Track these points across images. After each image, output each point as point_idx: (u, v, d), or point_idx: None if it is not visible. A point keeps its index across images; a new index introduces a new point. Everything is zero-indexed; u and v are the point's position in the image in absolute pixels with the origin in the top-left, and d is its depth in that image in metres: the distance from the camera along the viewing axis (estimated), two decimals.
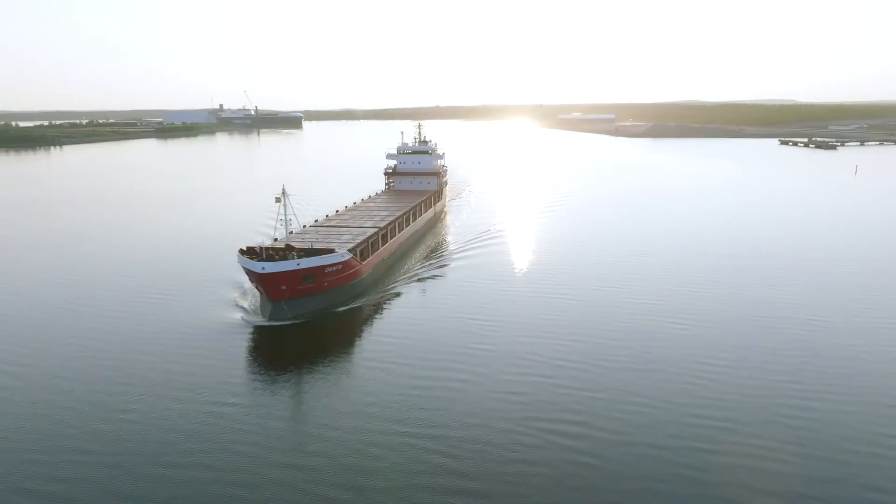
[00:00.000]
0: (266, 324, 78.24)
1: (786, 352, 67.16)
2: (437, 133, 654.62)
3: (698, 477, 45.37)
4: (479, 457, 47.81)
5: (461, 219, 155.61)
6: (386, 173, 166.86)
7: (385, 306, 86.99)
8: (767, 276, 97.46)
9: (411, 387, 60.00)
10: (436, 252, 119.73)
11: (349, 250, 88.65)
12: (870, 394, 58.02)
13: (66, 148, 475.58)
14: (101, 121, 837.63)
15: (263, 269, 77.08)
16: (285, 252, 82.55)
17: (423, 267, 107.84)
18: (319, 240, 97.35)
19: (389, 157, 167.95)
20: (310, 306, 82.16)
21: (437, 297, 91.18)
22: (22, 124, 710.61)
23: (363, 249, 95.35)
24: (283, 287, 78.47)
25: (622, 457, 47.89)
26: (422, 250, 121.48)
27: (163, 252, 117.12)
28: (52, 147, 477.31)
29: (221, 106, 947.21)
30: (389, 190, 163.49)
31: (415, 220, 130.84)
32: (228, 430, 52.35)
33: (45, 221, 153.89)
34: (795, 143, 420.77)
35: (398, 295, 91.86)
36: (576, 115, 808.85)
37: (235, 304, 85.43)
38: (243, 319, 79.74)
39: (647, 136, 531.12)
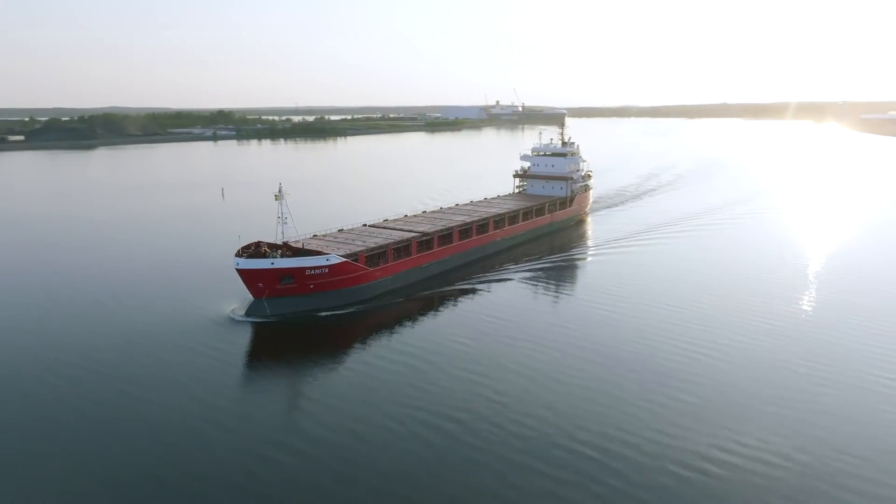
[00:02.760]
0: (243, 319, 79.69)
1: None
2: (717, 133, 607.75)
3: None
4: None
5: (603, 229, 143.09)
6: (515, 175, 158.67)
7: (387, 318, 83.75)
8: None
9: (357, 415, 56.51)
10: (518, 263, 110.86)
11: (349, 254, 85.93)
12: None
13: (349, 138, 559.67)
14: (391, 115, 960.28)
15: (238, 264, 79.03)
16: (273, 250, 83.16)
17: (482, 278, 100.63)
18: (351, 240, 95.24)
19: (523, 158, 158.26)
20: (292, 306, 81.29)
21: (461, 315, 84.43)
22: (333, 118, 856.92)
23: (377, 255, 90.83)
24: (261, 284, 79.56)
25: None
26: (502, 259, 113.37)
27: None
28: (338, 137, 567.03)
29: (498, 102, 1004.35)
30: (517, 193, 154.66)
31: (503, 227, 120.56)
32: (198, 416, 56.12)
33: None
34: None
35: (416, 308, 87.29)
36: (893, 114, 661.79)
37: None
38: (231, 313, 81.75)
39: None
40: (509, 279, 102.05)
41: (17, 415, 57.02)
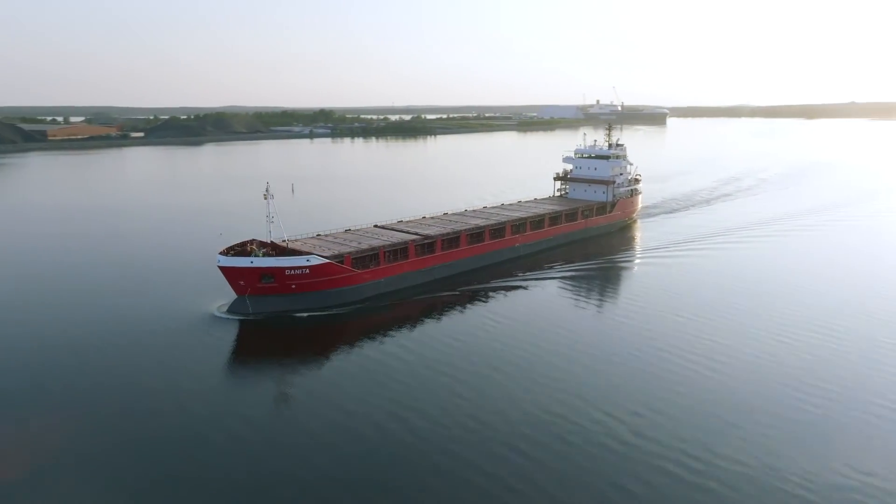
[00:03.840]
0: (225, 316, 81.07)
1: None
2: (835, 135, 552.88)
3: None
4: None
5: (650, 236, 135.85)
6: (556, 178, 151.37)
7: (374, 321, 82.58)
8: None
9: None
10: (537, 270, 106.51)
11: (334, 255, 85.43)
12: None
13: (439, 137, 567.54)
14: (486, 115, 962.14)
15: (220, 262, 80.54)
16: (261, 248, 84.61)
17: (491, 284, 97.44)
18: (348, 241, 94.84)
19: (566, 160, 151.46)
20: (274, 305, 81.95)
21: (453, 320, 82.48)
22: (429, 117, 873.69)
23: (367, 257, 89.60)
24: (242, 282, 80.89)
25: None
26: (521, 265, 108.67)
27: None
28: (428, 136, 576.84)
29: (598, 101, 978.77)
30: (557, 197, 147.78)
31: (524, 232, 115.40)
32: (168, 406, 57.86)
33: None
34: None
35: (406, 312, 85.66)
36: None
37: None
38: (216, 310, 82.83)
39: None
40: (521, 286, 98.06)
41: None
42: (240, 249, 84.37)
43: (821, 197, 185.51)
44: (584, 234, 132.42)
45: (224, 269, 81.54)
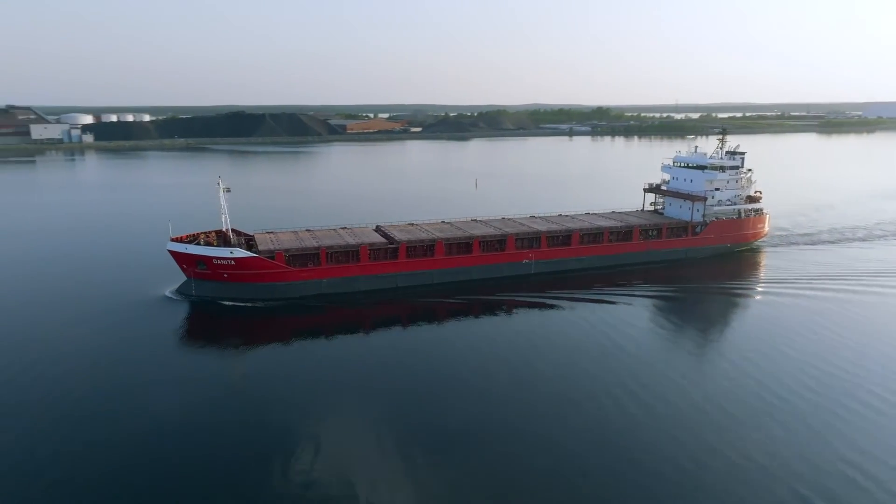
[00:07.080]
0: (172, 297, 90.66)
1: None
2: None
3: None
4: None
5: (755, 270, 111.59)
6: (645, 190, 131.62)
7: (303, 321, 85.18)
8: None
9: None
10: (537, 291, 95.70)
11: (266, 251, 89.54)
12: None
13: (711, 138, 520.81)
14: (792, 113, 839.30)
15: (168, 246, 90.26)
16: (212, 237, 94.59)
17: (466, 299, 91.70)
18: (312, 238, 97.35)
19: (664, 169, 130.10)
20: (213, 291, 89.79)
21: (394, 332, 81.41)
22: (721, 115, 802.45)
23: (306, 256, 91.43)
24: (184, 266, 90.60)
25: None
26: (524, 285, 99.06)
27: None
28: (696, 136, 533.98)
29: None
30: (646, 212, 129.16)
31: (538, 247, 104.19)
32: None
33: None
34: None
35: (342, 316, 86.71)
36: None
37: None
38: (168, 291, 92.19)
39: None
40: (494, 306, 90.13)
41: None
42: (192, 237, 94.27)
43: None
44: (642, 258, 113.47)
45: (171, 253, 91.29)
